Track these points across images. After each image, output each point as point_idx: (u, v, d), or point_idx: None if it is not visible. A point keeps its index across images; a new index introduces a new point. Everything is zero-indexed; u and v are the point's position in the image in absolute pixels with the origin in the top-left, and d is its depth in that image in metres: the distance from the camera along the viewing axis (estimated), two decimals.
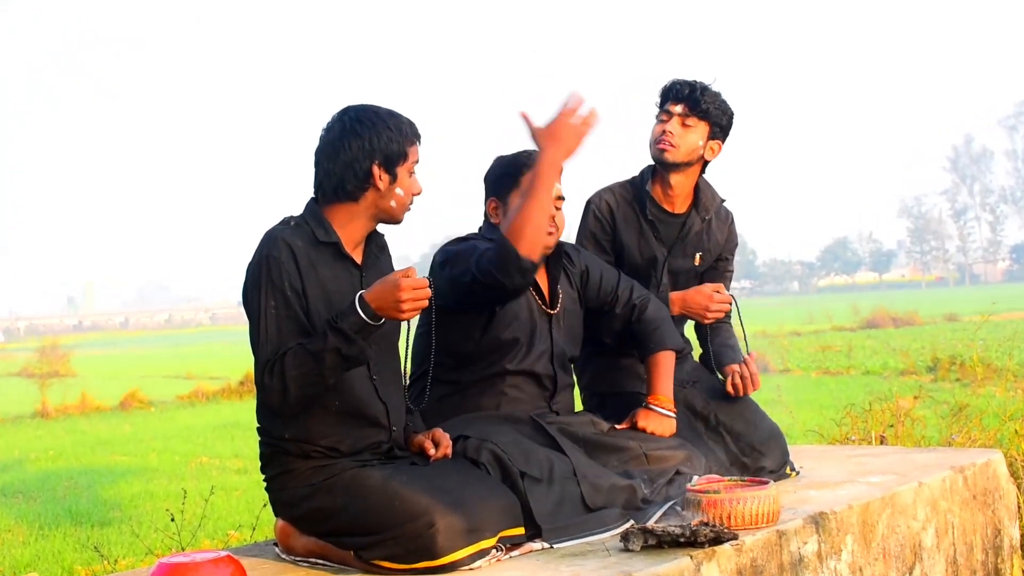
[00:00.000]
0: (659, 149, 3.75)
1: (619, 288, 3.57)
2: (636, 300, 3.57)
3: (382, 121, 2.85)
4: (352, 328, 2.65)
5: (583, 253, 3.61)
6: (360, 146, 2.82)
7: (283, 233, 2.82)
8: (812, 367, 16.70)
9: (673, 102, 3.75)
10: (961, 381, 12.05)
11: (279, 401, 2.72)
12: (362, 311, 2.65)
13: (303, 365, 2.68)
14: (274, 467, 2.89)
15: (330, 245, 2.86)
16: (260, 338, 2.75)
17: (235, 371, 20.66)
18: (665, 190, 3.82)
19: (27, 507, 7.88)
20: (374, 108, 2.89)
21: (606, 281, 3.57)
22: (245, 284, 2.83)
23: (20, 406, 17.37)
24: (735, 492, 2.98)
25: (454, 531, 2.66)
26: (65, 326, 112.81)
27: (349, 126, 2.84)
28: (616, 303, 3.56)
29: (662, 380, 3.52)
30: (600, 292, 3.56)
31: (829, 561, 3.13)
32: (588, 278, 3.55)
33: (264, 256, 2.78)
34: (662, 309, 3.62)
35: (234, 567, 2.43)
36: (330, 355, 2.66)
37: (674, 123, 3.73)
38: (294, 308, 2.76)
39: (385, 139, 2.83)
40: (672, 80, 3.79)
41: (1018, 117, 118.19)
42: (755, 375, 3.74)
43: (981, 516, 3.91)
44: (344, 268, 2.89)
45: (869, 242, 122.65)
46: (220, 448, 11.02)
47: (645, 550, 2.76)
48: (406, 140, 2.87)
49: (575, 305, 3.52)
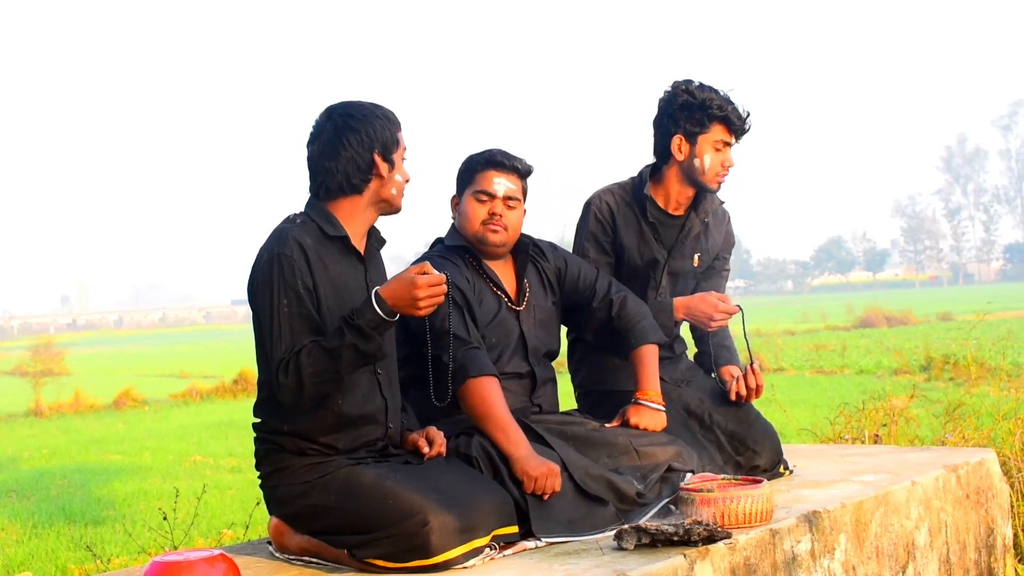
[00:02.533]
0: (719, 182, 3.73)
1: (597, 283, 3.58)
2: (613, 296, 3.57)
3: (371, 112, 2.90)
4: (369, 324, 2.66)
5: (560, 251, 3.61)
6: (359, 139, 2.86)
7: (292, 231, 2.83)
8: (806, 366, 16.72)
9: (738, 137, 3.70)
10: (955, 380, 12.07)
11: (293, 398, 2.73)
12: (379, 307, 2.66)
13: (319, 362, 2.69)
14: (269, 464, 2.89)
15: (338, 239, 2.88)
16: (272, 336, 2.75)
17: (229, 370, 20.66)
18: (666, 192, 3.80)
19: (20, 506, 7.87)
20: (358, 103, 2.94)
21: (584, 277, 3.58)
22: (253, 281, 2.82)
23: (14, 405, 17.35)
24: (729, 491, 2.98)
25: (448, 530, 2.66)
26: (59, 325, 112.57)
27: (343, 123, 2.87)
28: (593, 297, 3.57)
29: (648, 375, 3.51)
30: (579, 287, 3.57)
31: (822, 560, 3.14)
32: (565, 274, 3.57)
33: (276, 254, 2.78)
34: (641, 304, 3.62)
35: (227, 565, 2.43)
36: (347, 352, 2.67)
37: (730, 154, 3.71)
38: (306, 306, 2.77)
39: (379, 128, 2.88)
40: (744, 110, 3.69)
41: (1012, 117, 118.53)
42: (761, 387, 3.73)
43: (974, 515, 3.92)
44: (350, 263, 2.91)
45: (863, 241, 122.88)
46: (214, 447, 11.01)
47: (639, 549, 2.76)
48: (395, 127, 2.93)
49: (545, 300, 3.52)
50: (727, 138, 3.68)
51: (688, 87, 3.69)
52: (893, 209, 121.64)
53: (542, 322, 3.49)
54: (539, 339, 3.46)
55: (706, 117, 3.66)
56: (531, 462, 2.99)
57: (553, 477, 2.99)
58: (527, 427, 3.23)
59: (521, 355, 3.41)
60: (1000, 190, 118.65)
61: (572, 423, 3.37)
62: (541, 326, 3.48)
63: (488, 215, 3.35)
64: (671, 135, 3.71)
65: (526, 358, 3.42)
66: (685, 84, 3.71)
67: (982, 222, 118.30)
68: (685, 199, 3.81)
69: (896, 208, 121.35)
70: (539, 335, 3.47)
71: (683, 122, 3.68)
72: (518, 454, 3.01)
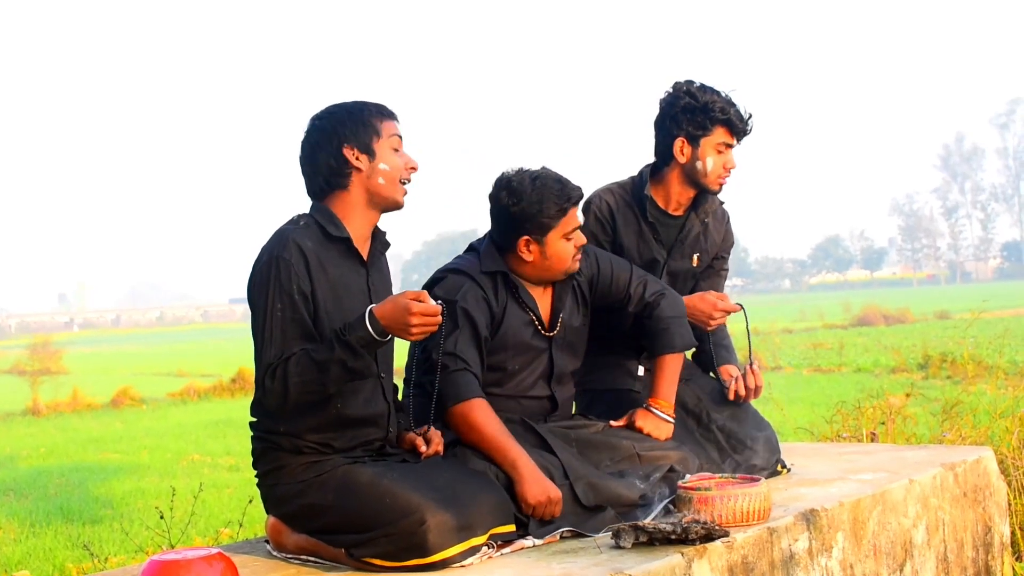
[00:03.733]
0: (721, 184, 3.71)
1: (631, 286, 3.50)
2: (649, 298, 3.50)
3: (342, 110, 2.91)
4: (359, 342, 2.66)
5: (591, 253, 3.50)
6: (327, 138, 2.88)
7: (293, 233, 2.82)
8: (803, 365, 16.73)
9: (739, 139, 3.69)
10: (952, 379, 12.06)
11: (278, 404, 2.73)
12: (371, 326, 2.65)
13: (306, 372, 2.68)
14: (266, 463, 2.89)
15: (341, 240, 2.87)
16: (264, 340, 2.75)
17: (226, 369, 20.64)
18: (666, 193, 3.79)
19: (18, 505, 7.86)
20: (338, 104, 2.96)
21: (616, 281, 3.49)
22: (252, 280, 2.82)
23: (11, 403, 17.32)
24: (726, 489, 2.98)
25: (445, 528, 2.66)
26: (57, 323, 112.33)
27: (316, 124, 2.92)
28: (629, 302, 3.51)
29: (665, 383, 3.49)
30: (611, 291, 3.49)
31: (820, 558, 3.14)
32: (597, 281, 3.48)
33: (274, 257, 2.77)
34: (676, 306, 3.54)
35: (225, 564, 2.43)
36: (335, 366, 2.67)
37: (731, 156, 3.69)
38: (300, 312, 2.76)
39: (350, 123, 2.88)
40: (746, 112, 3.67)
41: (1009, 115, 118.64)
42: (760, 387, 3.73)
43: (972, 513, 3.92)
44: (352, 266, 2.89)
45: (860, 240, 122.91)
46: (211, 445, 11.01)
47: (636, 547, 2.76)
48: (373, 117, 2.91)
49: (577, 318, 3.45)
50: (729, 140, 3.67)
51: (690, 89, 3.67)
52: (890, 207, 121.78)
53: (570, 344, 3.44)
54: (565, 362, 3.43)
55: (708, 120, 3.64)
56: (532, 488, 2.97)
57: (552, 506, 2.98)
58: (531, 429, 3.22)
59: (545, 380, 3.38)
60: (997, 188, 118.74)
61: (577, 426, 3.37)
62: (569, 348, 3.44)
63: (576, 250, 3.30)
64: (673, 137, 3.70)
65: (548, 382, 3.39)
66: (687, 85, 3.69)
67: (979, 220, 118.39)
68: (686, 200, 3.80)
69: (893, 206, 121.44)
70: (566, 358, 3.43)
71: (685, 124, 3.67)
72: (517, 476, 2.99)
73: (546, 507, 2.97)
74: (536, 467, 3.02)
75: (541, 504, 2.96)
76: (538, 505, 2.96)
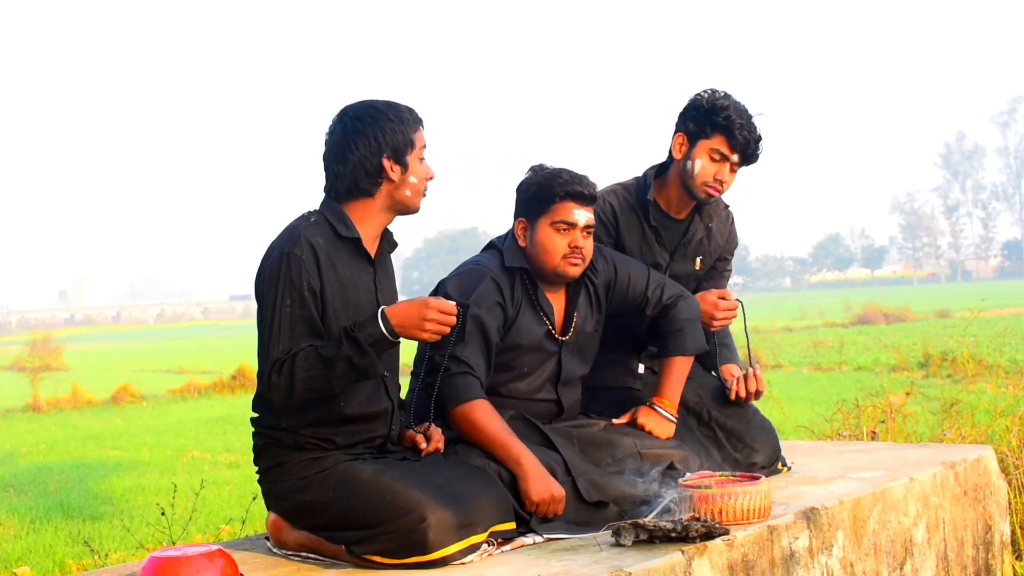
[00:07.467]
0: (708, 193, 3.65)
1: (649, 290, 3.49)
2: (667, 301, 3.50)
3: (382, 114, 2.84)
4: (368, 340, 2.65)
5: (608, 256, 3.49)
6: (367, 144, 2.81)
7: (305, 230, 2.81)
8: (804, 363, 16.74)
9: (740, 156, 3.62)
10: (952, 377, 12.07)
11: (282, 400, 2.73)
12: (382, 324, 2.66)
13: (312, 368, 2.68)
14: (267, 459, 2.89)
15: (351, 241, 2.86)
16: (271, 335, 2.74)
17: (227, 365, 20.66)
18: (668, 195, 3.77)
19: (18, 501, 7.86)
20: (371, 103, 2.88)
21: (633, 284, 3.48)
22: (261, 275, 2.81)
23: (11, 400, 17.34)
24: (727, 487, 2.98)
25: (445, 526, 2.66)
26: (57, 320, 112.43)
27: (351, 126, 2.84)
28: (647, 305, 3.50)
29: (671, 383, 3.50)
30: (628, 295, 3.48)
31: (820, 556, 3.14)
32: (615, 285, 3.47)
33: (285, 253, 2.76)
34: (692, 308, 3.54)
35: (225, 561, 2.43)
36: (341, 363, 2.66)
37: (727, 171, 3.64)
38: (309, 308, 2.75)
39: (389, 131, 2.83)
40: (754, 132, 3.61)
41: (1010, 114, 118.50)
42: (761, 391, 3.73)
43: (972, 512, 3.92)
44: (360, 265, 2.88)
45: (861, 238, 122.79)
46: (211, 442, 11.01)
47: (636, 545, 2.76)
48: (409, 128, 2.87)
49: (590, 323, 3.45)
50: (726, 152, 3.61)
51: (712, 93, 3.65)
52: (891, 206, 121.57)
53: (581, 348, 3.44)
54: (574, 367, 3.42)
55: (709, 124, 3.61)
56: (536, 485, 2.97)
57: (556, 504, 2.98)
58: (533, 427, 3.22)
59: (552, 383, 3.38)
60: (998, 187, 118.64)
61: (579, 424, 3.37)
62: (579, 352, 3.44)
63: (570, 248, 3.26)
64: (676, 132, 3.70)
65: (555, 386, 3.39)
66: (711, 90, 3.67)
67: (980, 219, 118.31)
68: (687, 203, 3.79)
69: (894, 205, 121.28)
70: (575, 363, 3.43)
71: (689, 122, 3.66)
72: (522, 473, 2.99)
73: (550, 504, 2.97)
74: (540, 464, 3.02)
75: (545, 501, 2.97)
76: (542, 502, 2.96)
